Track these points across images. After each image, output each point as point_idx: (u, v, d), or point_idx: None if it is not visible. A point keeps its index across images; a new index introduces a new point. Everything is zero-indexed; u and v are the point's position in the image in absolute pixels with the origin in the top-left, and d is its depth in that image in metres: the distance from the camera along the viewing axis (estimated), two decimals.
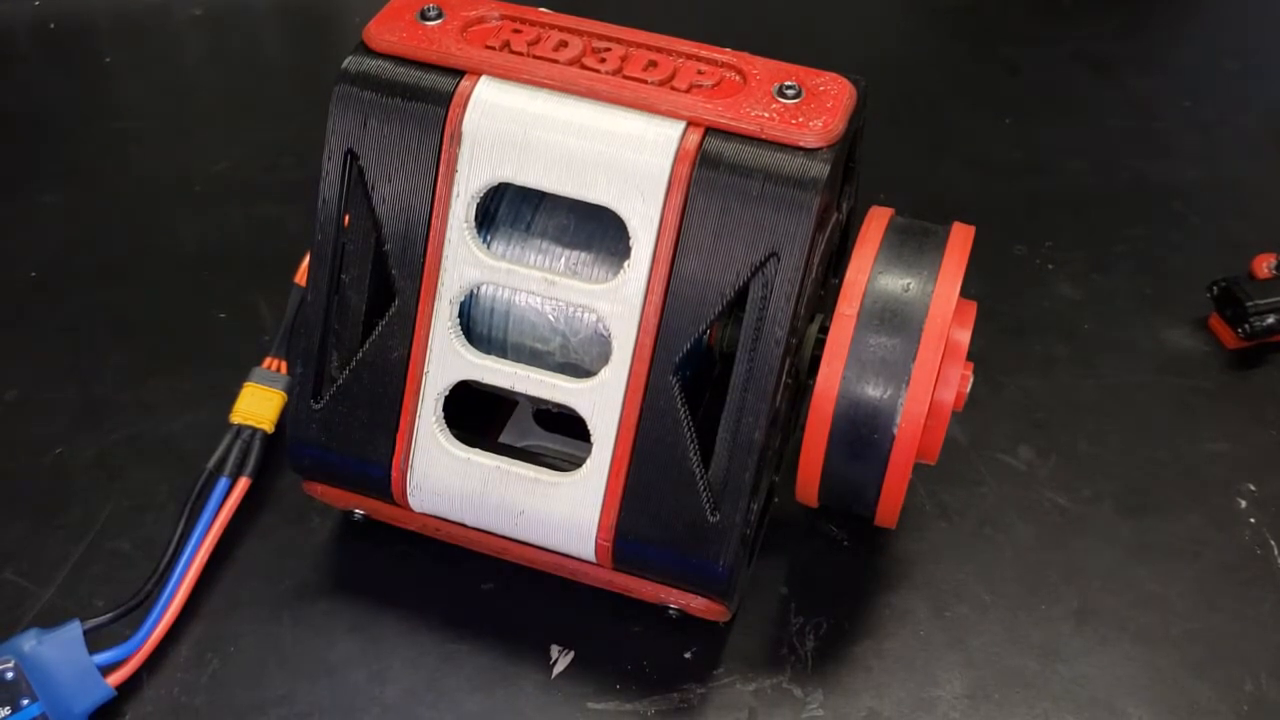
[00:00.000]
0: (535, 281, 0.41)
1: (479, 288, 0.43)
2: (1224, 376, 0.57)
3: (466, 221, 0.41)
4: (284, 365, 0.50)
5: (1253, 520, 0.51)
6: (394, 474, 0.44)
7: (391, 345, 0.43)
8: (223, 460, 0.47)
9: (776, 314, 0.39)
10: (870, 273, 0.42)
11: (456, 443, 0.43)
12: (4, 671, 0.41)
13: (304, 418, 0.44)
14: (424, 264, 0.42)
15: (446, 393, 0.43)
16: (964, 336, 0.43)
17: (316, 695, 0.44)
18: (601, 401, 0.41)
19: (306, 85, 0.72)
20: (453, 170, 0.41)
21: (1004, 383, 0.56)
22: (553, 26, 0.43)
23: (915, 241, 0.43)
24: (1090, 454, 0.53)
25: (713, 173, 0.39)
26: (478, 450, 0.43)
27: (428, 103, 0.41)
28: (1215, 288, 0.58)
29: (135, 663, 0.43)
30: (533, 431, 0.50)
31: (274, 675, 0.45)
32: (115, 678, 0.43)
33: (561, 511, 0.43)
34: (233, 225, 0.62)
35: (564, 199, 0.42)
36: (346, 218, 0.43)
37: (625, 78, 0.41)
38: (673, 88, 0.41)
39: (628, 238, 0.40)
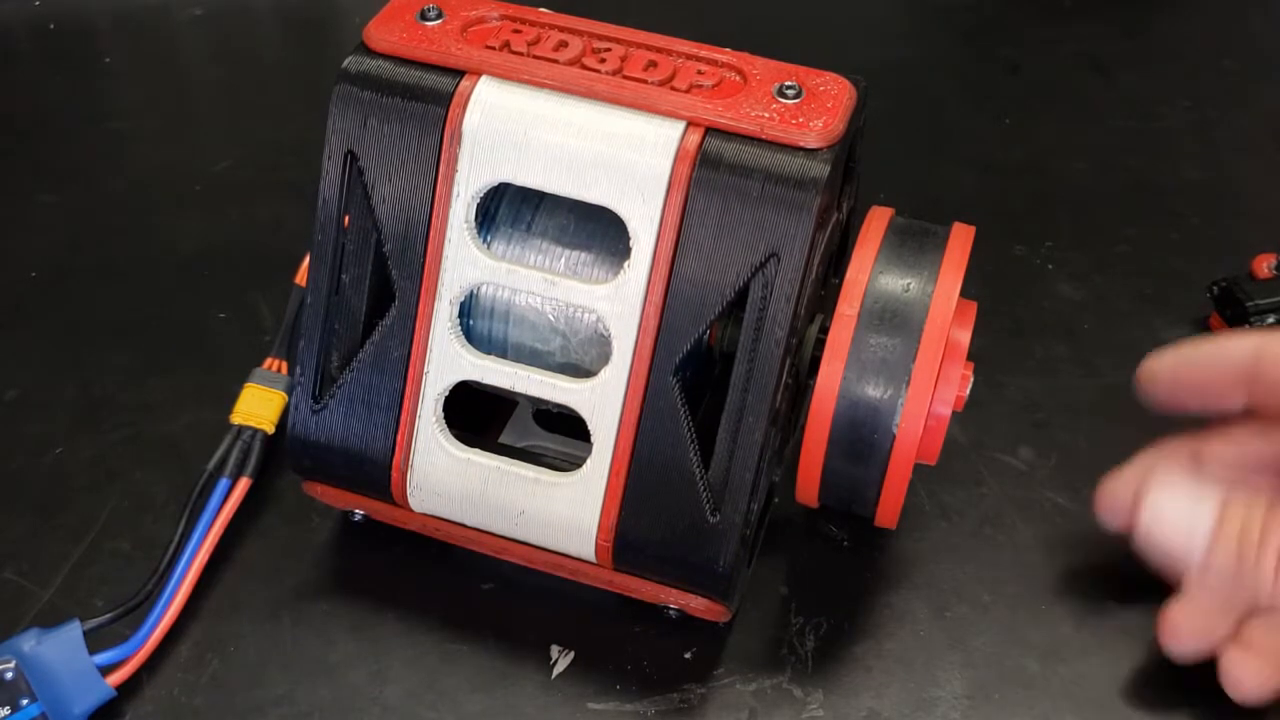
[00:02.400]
0: (535, 282, 0.41)
1: (479, 288, 0.43)
2: None
3: (467, 221, 0.41)
4: (284, 365, 0.50)
5: None
6: (394, 474, 0.44)
7: (391, 345, 0.43)
8: (223, 461, 0.47)
9: (776, 314, 0.39)
10: (870, 273, 0.42)
11: (456, 443, 0.43)
12: (4, 671, 0.41)
13: (304, 418, 0.44)
14: (424, 264, 0.42)
15: (446, 393, 0.43)
16: (964, 336, 0.43)
17: (316, 695, 0.44)
18: (601, 401, 0.41)
19: (306, 85, 0.72)
20: (453, 170, 0.41)
21: (1004, 383, 0.56)
22: (553, 26, 0.43)
23: (915, 241, 0.43)
24: (1090, 454, 0.53)
25: (713, 173, 0.39)
26: (478, 450, 0.43)
27: (428, 103, 0.41)
28: (1215, 288, 0.58)
29: (135, 663, 0.43)
30: (533, 431, 0.50)
31: (274, 675, 0.45)
32: (115, 678, 0.43)
33: (561, 511, 0.43)
34: (233, 225, 0.62)
35: (564, 199, 0.42)
36: (346, 218, 0.43)
37: (625, 78, 0.41)
38: (673, 88, 0.41)
39: (628, 238, 0.40)
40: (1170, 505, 0.37)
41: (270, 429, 0.48)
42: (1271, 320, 0.56)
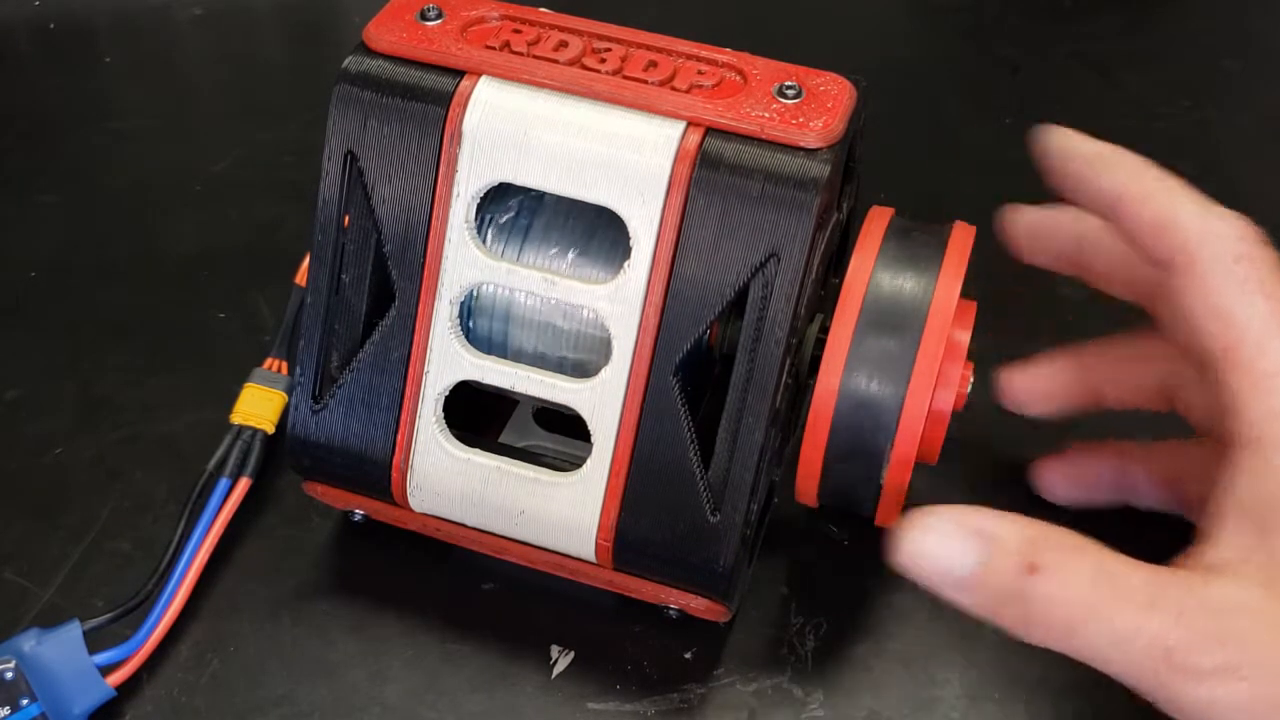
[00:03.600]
0: (535, 282, 0.41)
1: (479, 288, 0.43)
2: None
3: (467, 221, 0.41)
4: (284, 366, 0.50)
5: None
6: (394, 474, 0.44)
7: (391, 345, 0.43)
8: (223, 461, 0.47)
9: (777, 314, 0.39)
10: (870, 273, 0.42)
11: (456, 443, 0.43)
12: (4, 671, 0.41)
13: (304, 418, 0.44)
14: (424, 264, 0.42)
15: (446, 393, 0.43)
16: (964, 337, 0.43)
17: (316, 695, 0.44)
18: (601, 401, 0.41)
19: (306, 85, 0.72)
20: (453, 170, 0.41)
21: None
22: (553, 26, 0.43)
23: (916, 241, 0.43)
24: None
25: (713, 173, 0.39)
26: (478, 450, 0.43)
27: (428, 103, 0.41)
28: None
29: (135, 663, 0.43)
30: (533, 431, 0.50)
31: (274, 675, 0.45)
32: (115, 678, 0.43)
33: (561, 511, 0.43)
34: (233, 225, 0.62)
35: (564, 199, 0.42)
36: (346, 218, 0.43)
37: (625, 78, 0.41)
38: (673, 88, 0.41)
39: (628, 238, 0.40)
40: (932, 547, 0.37)
41: (270, 429, 0.48)
42: None
